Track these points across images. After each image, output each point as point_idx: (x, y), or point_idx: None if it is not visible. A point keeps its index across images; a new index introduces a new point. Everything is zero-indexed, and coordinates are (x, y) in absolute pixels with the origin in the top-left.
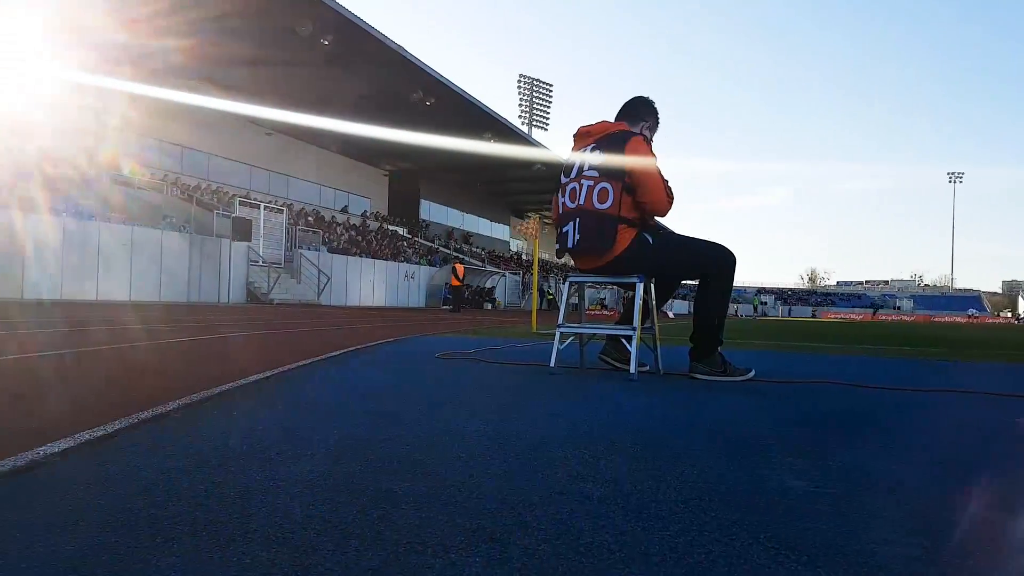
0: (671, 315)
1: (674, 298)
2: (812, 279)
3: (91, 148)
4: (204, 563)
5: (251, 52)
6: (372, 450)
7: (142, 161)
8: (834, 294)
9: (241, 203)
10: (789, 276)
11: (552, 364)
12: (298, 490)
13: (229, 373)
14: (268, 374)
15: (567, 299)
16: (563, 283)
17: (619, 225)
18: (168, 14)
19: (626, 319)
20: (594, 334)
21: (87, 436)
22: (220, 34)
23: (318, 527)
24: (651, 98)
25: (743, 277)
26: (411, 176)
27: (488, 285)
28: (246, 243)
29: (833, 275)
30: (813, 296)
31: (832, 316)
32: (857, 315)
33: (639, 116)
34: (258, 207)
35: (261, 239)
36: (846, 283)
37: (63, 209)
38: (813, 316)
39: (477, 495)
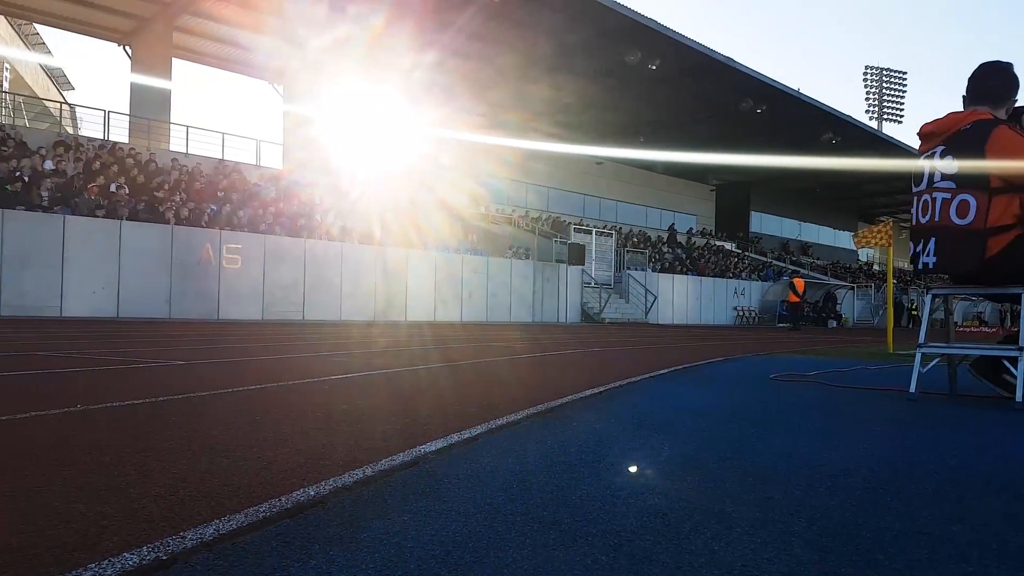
0: None
1: None
2: None
3: (450, 191)
4: (551, 560)
5: (583, 89)
6: (704, 470)
7: (495, 199)
8: None
9: (576, 230)
10: None
11: (912, 390)
12: (633, 500)
13: (568, 386)
14: (601, 390)
15: (930, 314)
16: (926, 295)
17: (989, 239)
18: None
19: (1012, 338)
20: (966, 355)
21: (455, 438)
22: (556, 78)
23: (652, 537)
24: (1008, 61)
25: None
26: (740, 188)
27: (831, 300)
28: (580, 267)
29: None
30: None
31: None
32: None
33: (998, 94)
34: (590, 232)
35: (593, 262)
36: None
37: (433, 245)
38: None
39: (818, 527)
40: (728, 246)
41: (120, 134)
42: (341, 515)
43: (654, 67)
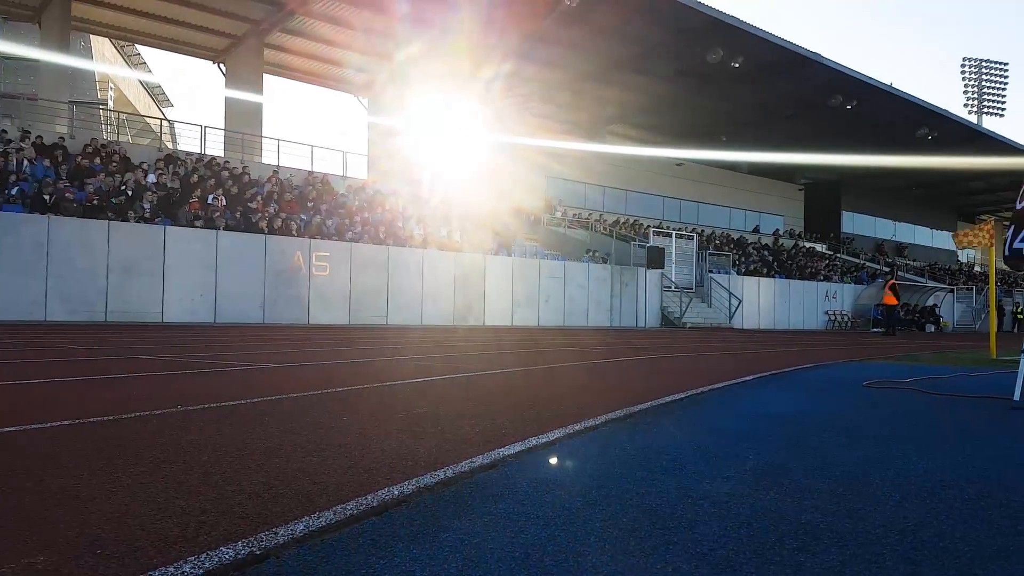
0: None
1: None
2: None
3: (526, 197)
4: (632, 567)
5: (663, 90)
6: (790, 479)
7: (571, 203)
8: None
9: (655, 232)
10: None
11: (1016, 397)
12: (715, 510)
13: (648, 392)
14: (682, 396)
15: None
16: None
17: None
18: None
19: None
20: None
21: (533, 442)
22: (636, 80)
23: (735, 547)
24: None
25: None
26: (830, 187)
27: (929, 303)
28: (660, 270)
29: None
30: None
31: None
32: None
33: None
34: (670, 235)
35: (673, 265)
36: None
37: (512, 250)
38: None
39: (912, 541)
40: (818, 247)
41: (216, 148)
42: (424, 514)
43: (737, 65)
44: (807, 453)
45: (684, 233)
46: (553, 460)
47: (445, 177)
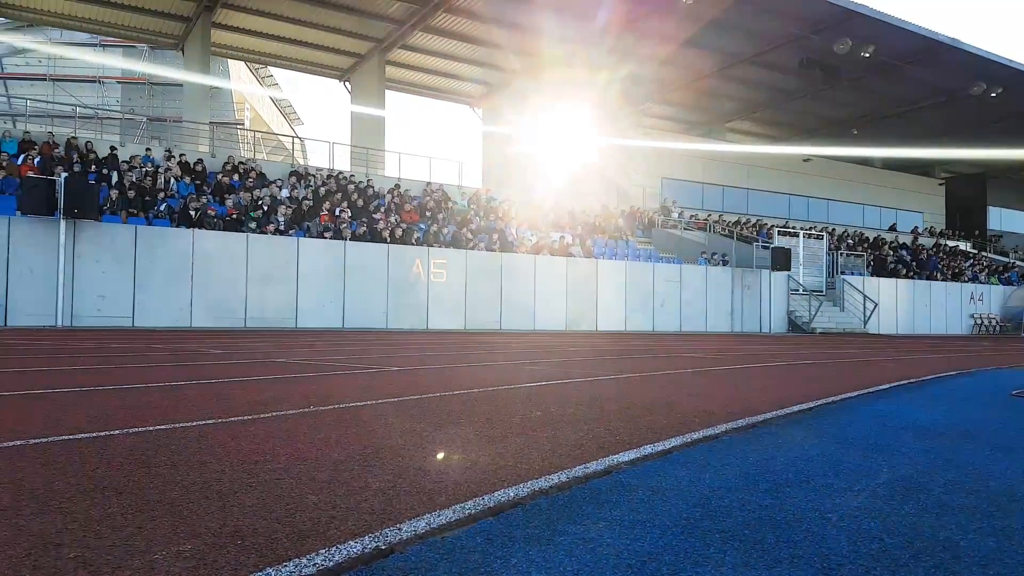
0: None
1: None
2: None
3: (641, 198)
4: None
5: (787, 84)
6: (929, 494)
7: (688, 204)
8: None
9: (780, 232)
10: None
11: None
12: (845, 524)
13: (774, 400)
14: (810, 405)
15: None
16: None
17: None
18: (715, 73)
19: None
20: None
21: (649, 449)
22: (758, 74)
23: (866, 563)
24: None
25: None
26: (974, 181)
27: None
28: (786, 272)
29: None
30: None
31: None
32: None
33: None
34: (797, 235)
35: (801, 267)
36: None
37: (626, 254)
38: None
39: None
40: (962, 246)
41: (342, 162)
42: (539, 517)
43: (867, 55)
44: (947, 467)
45: (813, 232)
46: (670, 468)
47: (558, 182)
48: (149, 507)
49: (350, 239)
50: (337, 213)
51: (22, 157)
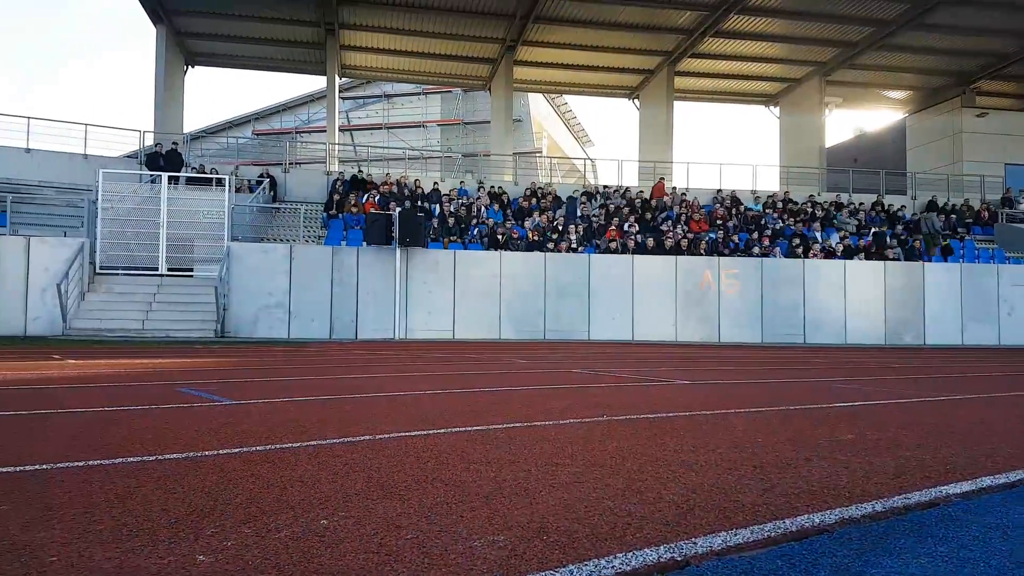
0: None
1: None
2: None
3: (978, 189)
4: None
5: None
6: None
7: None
8: None
9: None
10: None
11: None
12: None
13: None
14: None
15: None
16: None
17: None
18: None
19: None
20: None
21: (987, 481)
22: None
23: None
24: None
25: None
26: None
27: None
28: None
29: None
30: None
31: None
32: None
33: None
34: None
35: None
36: None
37: (961, 254)
38: None
39: None
40: None
41: (630, 179)
42: (847, 546)
43: None
44: None
45: None
46: (1011, 505)
47: (871, 176)
48: (469, 498)
49: (637, 253)
50: (625, 228)
51: (365, 196)
